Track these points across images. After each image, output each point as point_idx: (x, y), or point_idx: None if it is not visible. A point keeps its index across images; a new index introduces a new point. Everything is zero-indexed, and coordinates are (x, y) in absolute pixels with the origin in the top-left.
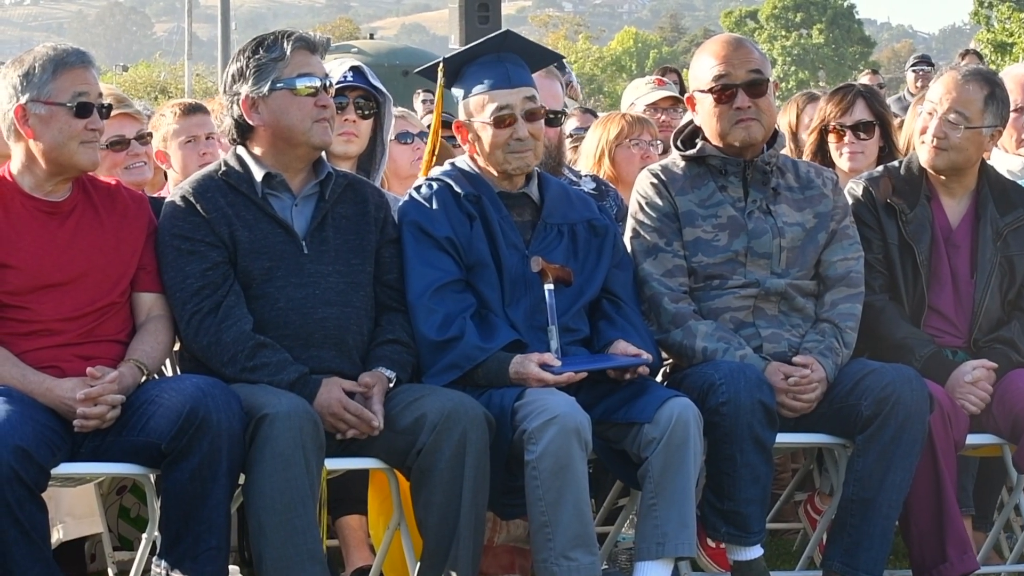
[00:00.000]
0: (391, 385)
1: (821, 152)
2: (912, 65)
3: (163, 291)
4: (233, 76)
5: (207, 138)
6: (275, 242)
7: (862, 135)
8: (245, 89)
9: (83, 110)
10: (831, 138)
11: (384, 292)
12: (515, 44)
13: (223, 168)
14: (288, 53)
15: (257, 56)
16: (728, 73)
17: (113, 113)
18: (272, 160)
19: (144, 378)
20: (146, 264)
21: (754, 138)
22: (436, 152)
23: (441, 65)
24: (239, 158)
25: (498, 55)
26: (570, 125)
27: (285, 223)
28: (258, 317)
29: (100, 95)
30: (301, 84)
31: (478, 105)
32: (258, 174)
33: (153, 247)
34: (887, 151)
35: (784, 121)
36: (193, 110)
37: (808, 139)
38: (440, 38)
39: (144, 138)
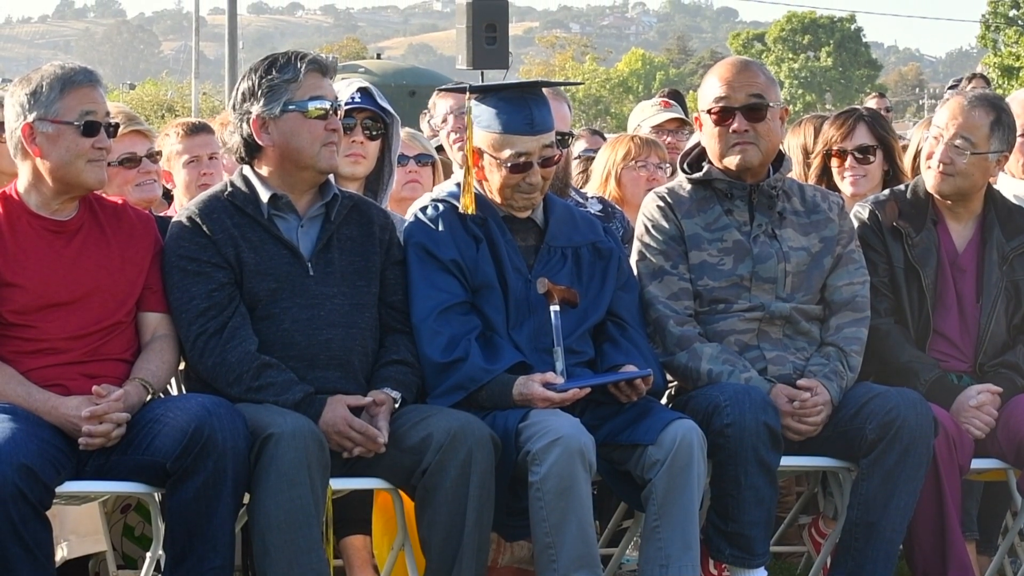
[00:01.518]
0: (396, 406)
1: (826, 176)
2: (950, 87)
3: (168, 311)
4: (244, 94)
5: (210, 158)
6: (281, 263)
7: (864, 159)
8: (256, 109)
9: (90, 129)
10: (834, 162)
11: (389, 313)
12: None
13: (229, 189)
14: (301, 75)
15: (270, 76)
16: (728, 96)
17: (124, 130)
18: (279, 181)
19: (149, 397)
20: (152, 284)
21: (749, 163)
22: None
23: (468, 95)
24: (245, 179)
25: (523, 93)
26: (578, 147)
27: (291, 244)
28: (263, 338)
29: (107, 114)
30: (313, 107)
31: (495, 143)
32: (264, 195)
33: (159, 267)
34: (892, 175)
35: (796, 143)
36: (196, 130)
37: (813, 163)
38: (447, 58)
39: (154, 156)
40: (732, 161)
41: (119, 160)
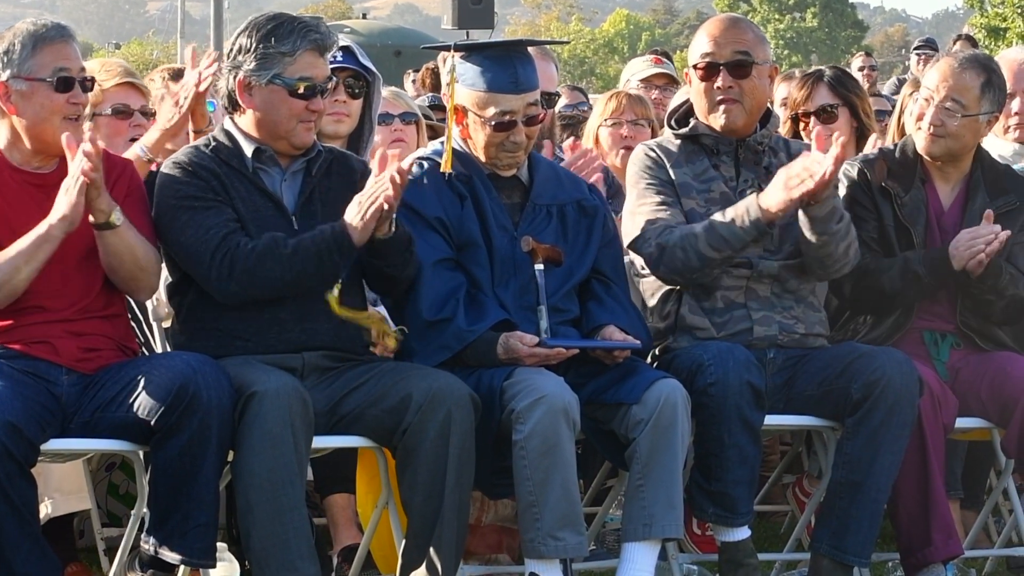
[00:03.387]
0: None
1: (796, 138)
2: (916, 48)
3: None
4: (240, 48)
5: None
6: (267, 216)
7: (828, 118)
8: (244, 69)
9: (64, 84)
10: (800, 124)
11: None
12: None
13: (212, 144)
14: (298, 52)
15: (267, 44)
16: (714, 52)
17: (119, 80)
18: (260, 137)
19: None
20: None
21: (733, 123)
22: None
23: (452, 53)
24: (227, 133)
25: (508, 51)
26: (559, 104)
27: (275, 197)
28: None
29: (82, 69)
30: (300, 86)
31: (479, 101)
32: (248, 149)
33: (137, 205)
34: (860, 131)
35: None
36: (182, 75)
37: (784, 126)
38: (433, 18)
39: (148, 113)
40: (717, 121)
41: (112, 110)
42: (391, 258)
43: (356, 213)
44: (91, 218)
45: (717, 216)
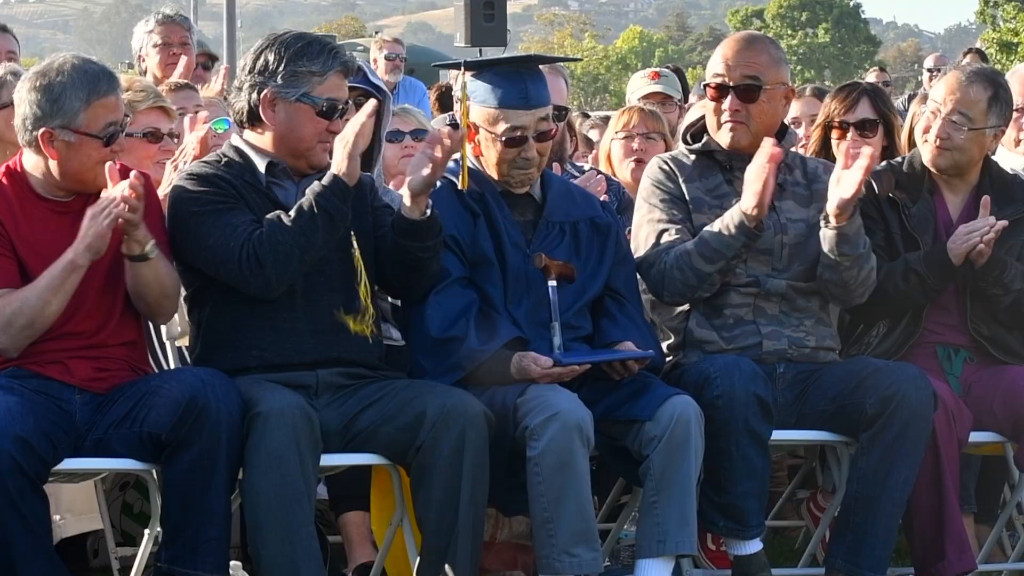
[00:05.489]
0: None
1: (825, 150)
2: (929, 69)
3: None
4: (265, 64)
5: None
6: None
7: (865, 133)
8: (272, 86)
9: (112, 138)
10: (834, 135)
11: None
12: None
13: (223, 160)
14: (328, 73)
15: (299, 63)
16: (725, 74)
17: (149, 104)
18: (274, 151)
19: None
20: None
21: (738, 143)
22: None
23: (463, 71)
24: (238, 150)
25: (518, 67)
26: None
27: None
28: (267, 304)
29: (124, 115)
30: (326, 106)
31: (490, 118)
32: (260, 164)
33: (156, 219)
34: (889, 152)
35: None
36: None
37: (812, 135)
38: (446, 36)
39: (176, 136)
40: (722, 139)
41: (143, 133)
42: (428, 239)
43: (340, 158)
44: (125, 249)
45: (706, 229)
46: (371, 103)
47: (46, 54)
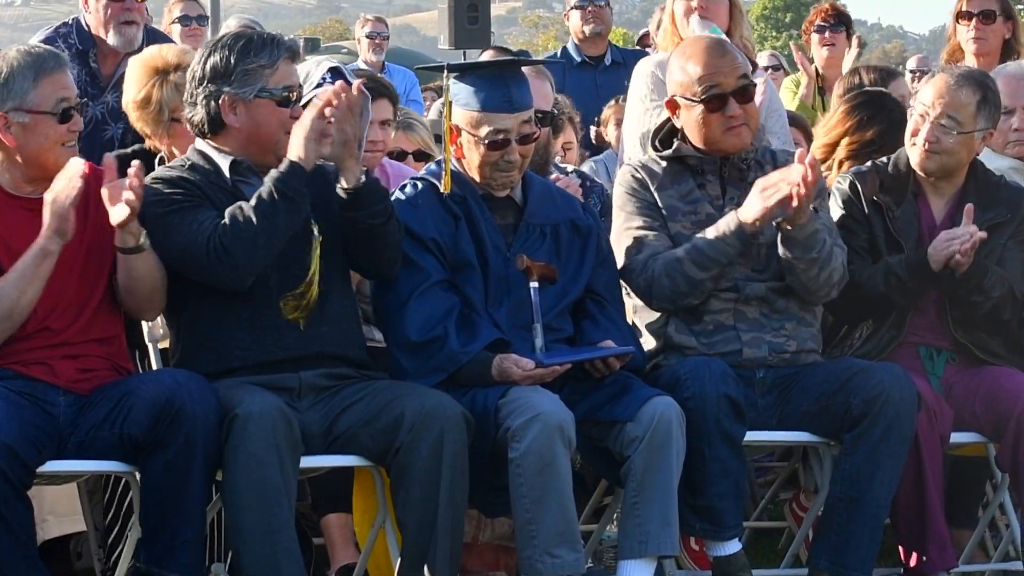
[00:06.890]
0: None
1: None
2: (912, 69)
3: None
4: (214, 71)
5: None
6: None
7: (984, 21)
8: (228, 90)
9: (66, 115)
10: (960, 27)
11: None
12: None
13: (187, 163)
14: (279, 63)
15: (247, 60)
16: (718, 83)
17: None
18: (247, 155)
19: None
20: None
21: (745, 143)
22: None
23: (446, 73)
24: (201, 153)
25: (501, 70)
26: None
27: None
28: (245, 302)
29: (77, 95)
30: (284, 95)
31: (473, 121)
32: (224, 163)
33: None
34: (1010, 46)
35: None
36: None
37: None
38: (430, 39)
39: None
40: (729, 144)
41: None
42: (371, 206)
43: (297, 143)
44: (119, 243)
45: (699, 237)
46: (327, 89)
47: None
